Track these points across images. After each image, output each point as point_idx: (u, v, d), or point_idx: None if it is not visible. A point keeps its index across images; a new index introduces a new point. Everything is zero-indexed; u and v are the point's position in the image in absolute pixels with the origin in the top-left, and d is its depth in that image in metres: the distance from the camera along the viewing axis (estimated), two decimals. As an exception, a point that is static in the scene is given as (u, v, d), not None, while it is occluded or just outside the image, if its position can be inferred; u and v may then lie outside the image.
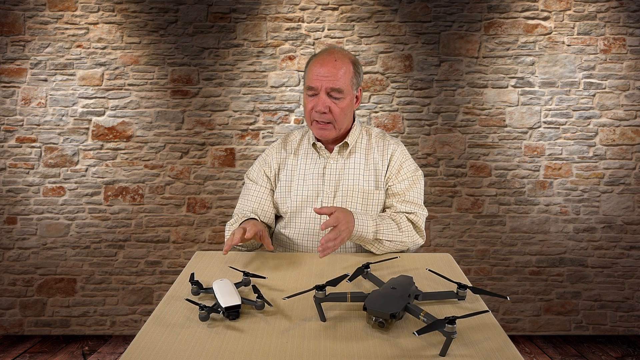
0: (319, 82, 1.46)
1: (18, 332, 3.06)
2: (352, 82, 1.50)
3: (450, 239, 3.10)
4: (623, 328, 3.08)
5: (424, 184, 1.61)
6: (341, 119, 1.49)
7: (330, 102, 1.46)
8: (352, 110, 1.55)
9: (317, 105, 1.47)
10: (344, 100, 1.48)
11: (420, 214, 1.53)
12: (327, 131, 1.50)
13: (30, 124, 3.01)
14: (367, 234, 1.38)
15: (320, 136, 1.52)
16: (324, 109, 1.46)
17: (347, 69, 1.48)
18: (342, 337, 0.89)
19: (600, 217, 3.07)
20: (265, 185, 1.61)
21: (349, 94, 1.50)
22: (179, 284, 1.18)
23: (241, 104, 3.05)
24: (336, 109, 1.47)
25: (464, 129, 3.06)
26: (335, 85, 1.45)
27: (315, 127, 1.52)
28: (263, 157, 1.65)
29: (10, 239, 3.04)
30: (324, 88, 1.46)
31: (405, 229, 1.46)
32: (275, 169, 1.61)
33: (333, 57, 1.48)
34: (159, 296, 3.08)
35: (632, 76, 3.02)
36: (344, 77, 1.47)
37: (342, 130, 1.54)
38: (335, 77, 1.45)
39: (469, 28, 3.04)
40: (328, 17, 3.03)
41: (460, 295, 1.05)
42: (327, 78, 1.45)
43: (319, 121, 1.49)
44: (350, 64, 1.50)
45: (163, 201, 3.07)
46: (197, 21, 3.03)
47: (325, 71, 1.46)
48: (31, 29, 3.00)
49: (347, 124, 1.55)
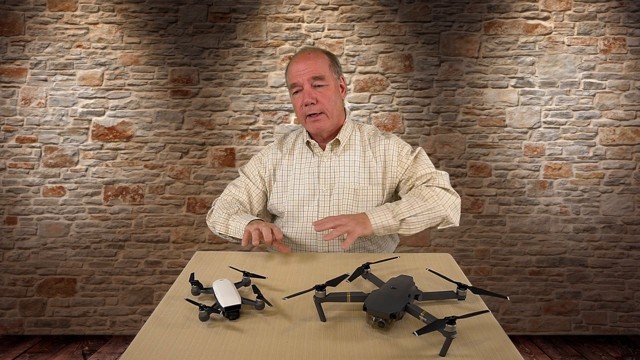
0: (299, 77, 1.51)
1: (18, 332, 3.06)
2: (331, 69, 1.54)
3: (450, 239, 3.10)
4: (623, 328, 3.08)
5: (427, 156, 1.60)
6: (331, 107, 1.52)
7: (315, 92, 1.51)
8: (340, 99, 1.57)
9: (305, 98, 1.50)
10: (329, 87, 1.52)
11: (439, 174, 1.51)
12: (321, 122, 1.52)
13: (30, 124, 3.01)
14: (388, 221, 1.38)
15: (316, 129, 1.53)
16: (311, 100, 1.50)
17: (323, 59, 1.54)
18: (342, 337, 0.89)
19: (600, 217, 3.07)
20: (258, 184, 1.64)
21: (332, 80, 1.53)
22: (179, 284, 1.18)
23: (241, 104, 3.05)
24: (322, 97, 1.51)
25: (464, 129, 3.06)
26: (316, 73, 1.50)
27: (309, 122, 1.53)
28: (259, 157, 1.68)
29: (10, 239, 3.04)
30: (306, 80, 1.50)
31: (429, 195, 1.44)
32: (271, 170, 1.63)
33: (306, 52, 1.55)
34: (159, 296, 3.08)
35: (632, 76, 3.02)
36: (322, 65, 1.52)
37: (337, 120, 1.56)
38: (313, 67, 1.50)
39: (469, 28, 3.04)
40: (328, 17, 3.03)
41: (460, 295, 1.05)
42: (305, 70, 1.50)
43: (311, 115, 1.52)
44: (325, 54, 1.56)
45: (163, 201, 3.07)
46: (197, 21, 3.03)
47: (302, 65, 1.51)
48: (31, 29, 2.99)
49: (339, 116, 1.57)
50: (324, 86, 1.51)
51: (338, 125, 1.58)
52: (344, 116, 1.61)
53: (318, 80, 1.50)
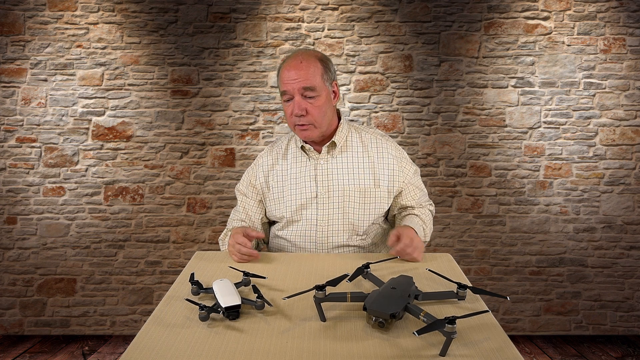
0: (290, 85, 1.46)
1: (18, 332, 3.06)
2: (323, 79, 1.48)
3: (450, 239, 3.10)
4: (623, 328, 3.08)
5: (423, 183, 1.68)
6: (320, 119, 1.48)
7: (305, 103, 1.46)
8: (331, 107, 1.53)
9: (295, 109, 1.46)
10: (320, 98, 1.47)
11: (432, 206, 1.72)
12: (309, 132, 1.49)
13: (30, 124, 3.01)
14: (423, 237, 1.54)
15: (305, 137, 1.51)
16: (300, 112, 1.45)
17: (315, 67, 1.47)
18: (342, 337, 0.90)
19: (600, 217, 3.07)
20: (252, 196, 1.63)
21: (324, 91, 1.48)
22: (179, 284, 1.18)
23: (241, 104, 3.05)
24: (313, 109, 1.46)
25: (464, 129, 3.06)
26: (307, 83, 1.44)
27: (298, 131, 1.51)
28: (250, 167, 1.67)
29: (10, 239, 3.04)
30: (296, 90, 1.45)
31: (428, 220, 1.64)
32: (262, 179, 1.60)
33: (298, 59, 1.48)
34: (159, 296, 3.08)
35: (632, 76, 3.02)
36: (314, 75, 1.46)
37: (326, 129, 1.52)
38: (305, 77, 1.45)
39: (469, 28, 3.04)
40: (328, 17, 3.03)
41: (460, 295, 1.05)
42: (296, 80, 1.45)
43: (299, 124, 1.49)
44: (318, 61, 1.49)
45: (163, 201, 3.07)
46: (197, 21, 3.03)
47: (293, 74, 1.45)
48: (31, 29, 2.99)
49: (330, 121, 1.53)
50: (314, 97, 1.46)
51: (330, 130, 1.55)
52: (337, 120, 1.58)
53: (309, 91, 1.45)
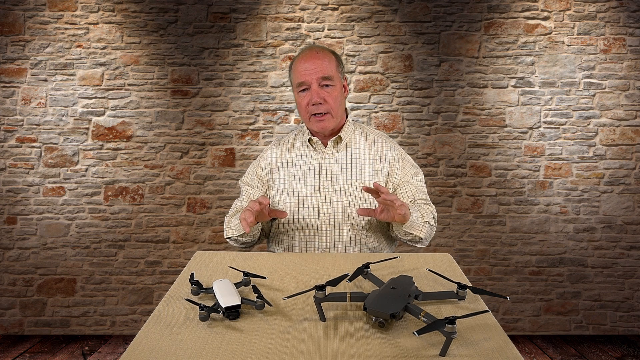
0: (308, 75, 1.51)
1: (18, 332, 3.06)
2: (338, 70, 1.56)
3: (450, 239, 3.10)
4: (623, 328, 3.08)
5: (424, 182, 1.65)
6: (336, 107, 1.54)
7: (323, 92, 1.51)
8: (344, 100, 1.59)
9: (313, 98, 1.51)
10: (335, 87, 1.54)
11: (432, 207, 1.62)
12: (325, 122, 1.54)
13: (30, 124, 3.01)
14: (417, 218, 1.44)
15: (321, 128, 1.55)
16: (319, 100, 1.51)
17: (330, 58, 1.55)
18: (342, 337, 0.89)
19: (600, 217, 3.07)
20: (257, 187, 1.65)
21: (338, 81, 1.55)
22: (179, 284, 1.18)
23: (241, 104, 3.05)
24: (330, 97, 1.52)
25: (464, 129, 3.06)
26: (325, 73, 1.51)
27: (313, 122, 1.55)
28: (256, 160, 1.70)
29: (10, 239, 3.04)
30: (314, 80, 1.51)
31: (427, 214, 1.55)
32: (268, 170, 1.64)
33: (314, 50, 1.55)
34: (159, 296, 3.08)
35: (632, 76, 3.02)
36: (330, 65, 1.53)
37: (339, 121, 1.57)
38: (322, 67, 1.51)
39: (469, 28, 3.04)
40: (328, 17, 3.03)
41: (460, 295, 1.05)
42: (314, 70, 1.50)
43: (316, 114, 1.53)
44: (332, 54, 1.57)
45: (163, 201, 3.07)
46: (197, 21, 3.03)
47: (310, 64, 1.51)
48: (31, 29, 2.99)
49: (342, 116, 1.59)
50: (331, 86, 1.52)
51: (340, 124, 1.60)
52: (345, 116, 1.63)
53: (326, 80, 1.51)
